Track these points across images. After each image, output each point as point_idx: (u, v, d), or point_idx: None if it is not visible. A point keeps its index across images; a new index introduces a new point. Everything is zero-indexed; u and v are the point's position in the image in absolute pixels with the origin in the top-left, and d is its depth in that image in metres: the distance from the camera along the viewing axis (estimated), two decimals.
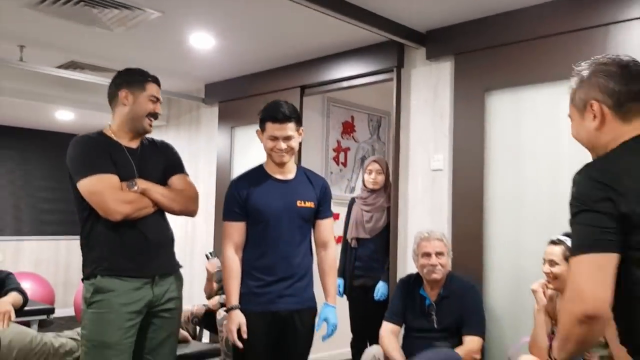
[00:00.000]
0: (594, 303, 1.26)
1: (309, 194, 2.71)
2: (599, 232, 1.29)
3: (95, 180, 2.32)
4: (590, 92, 1.47)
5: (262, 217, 2.61)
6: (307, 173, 2.82)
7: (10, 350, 2.72)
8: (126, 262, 2.36)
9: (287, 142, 2.59)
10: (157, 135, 6.01)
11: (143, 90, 2.45)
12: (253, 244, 2.64)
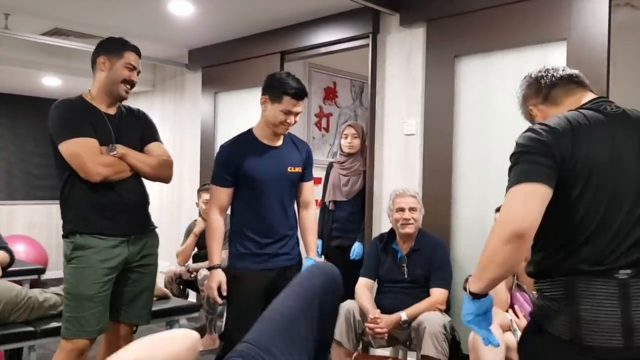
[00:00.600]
0: (522, 223, 1.38)
1: (297, 159, 2.84)
2: (536, 166, 1.43)
3: (76, 144, 2.44)
4: (527, 102, 1.79)
5: (256, 183, 2.72)
6: (292, 138, 2.91)
7: (38, 307, 2.90)
8: (103, 221, 2.50)
9: (296, 117, 2.73)
10: (144, 100, 6.17)
11: (120, 57, 2.55)
12: (247, 208, 2.76)
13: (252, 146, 2.77)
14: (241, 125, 4.97)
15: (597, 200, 1.43)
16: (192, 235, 4.39)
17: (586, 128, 1.49)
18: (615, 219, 1.42)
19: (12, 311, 2.94)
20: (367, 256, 3.64)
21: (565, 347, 1.39)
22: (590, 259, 1.40)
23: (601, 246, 1.40)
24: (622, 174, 1.47)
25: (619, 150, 1.49)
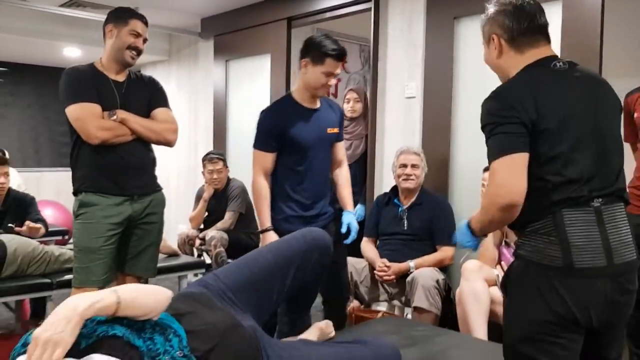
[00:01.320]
0: (515, 196, 1.58)
1: (334, 119, 2.89)
2: (514, 137, 1.59)
3: (79, 108, 2.61)
4: (493, 28, 1.76)
5: (301, 146, 2.75)
6: (326, 100, 2.95)
7: (15, 257, 3.13)
8: (106, 181, 2.68)
9: (335, 78, 2.75)
10: (161, 69, 6.33)
11: (126, 25, 2.68)
12: (292, 171, 2.79)
13: (293, 110, 2.78)
14: (251, 92, 5.16)
15: (566, 149, 1.62)
16: (202, 201, 4.57)
17: (544, 88, 1.64)
18: (584, 161, 1.62)
19: (29, 264, 3.19)
20: (369, 217, 3.78)
21: (558, 273, 1.57)
22: (571, 196, 1.60)
23: (577, 184, 1.60)
24: (580, 124, 1.65)
25: (573, 103, 1.66)
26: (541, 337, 1.58)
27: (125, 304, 1.32)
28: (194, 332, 1.49)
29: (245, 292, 1.78)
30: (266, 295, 1.86)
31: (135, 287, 1.44)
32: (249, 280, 1.80)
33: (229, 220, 4.41)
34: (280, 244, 2.04)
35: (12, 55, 6.67)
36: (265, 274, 1.85)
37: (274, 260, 1.89)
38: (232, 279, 1.77)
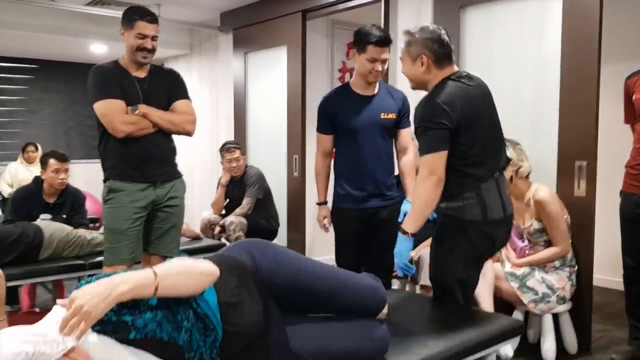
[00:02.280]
0: (441, 174, 2.22)
1: (391, 106, 3.03)
2: (439, 139, 2.20)
3: (105, 104, 2.84)
4: (422, 49, 2.32)
5: (351, 130, 2.98)
6: (388, 88, 3.16)
7: (51, 241, 3.40)
8: (131, 169, 2.91)
9: (384, 64, 2.92)
10: (183, 63, 6.57)
11: (131, 28, 2.86)
12: (345, 153, 3.04)
13: (346, 96, 3.03)
14: (269, 83, 5.36)
15: (477, 140, 2.26)
16: (220, 186, 4.79)
17: (461, 97, 2.23)
18: (490, 148, 2.32)
19: (64, 247, 3.45)
20: None
21: (478, 225, 2.28)
22: (485, 171, 2.29)
23: (487, 164, 2.30)
24: (482, 120, 2.30)
25: (477, 104, 2.29)
26: (470, 264, 2.34)
27: (162, 291, 1.39)
28: (230, 332, 1.53)
29: (282, 298, 1.73)
30: (301, 309, 1.80)
31: (178, 269, 1.46)
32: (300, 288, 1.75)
33: (247, 205, 4.62)
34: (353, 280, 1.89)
35: (43, 53, 6.99)
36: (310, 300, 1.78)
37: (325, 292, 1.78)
38: (280, 285, 1.72)
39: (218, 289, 1.58)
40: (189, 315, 1.47)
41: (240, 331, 1.55)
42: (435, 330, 2.07)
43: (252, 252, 1.72)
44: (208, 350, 1.48)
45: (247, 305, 1.60)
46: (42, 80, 7.48)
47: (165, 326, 1.41)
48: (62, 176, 3.86)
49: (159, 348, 1.38)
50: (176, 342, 1.41)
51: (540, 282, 3.06)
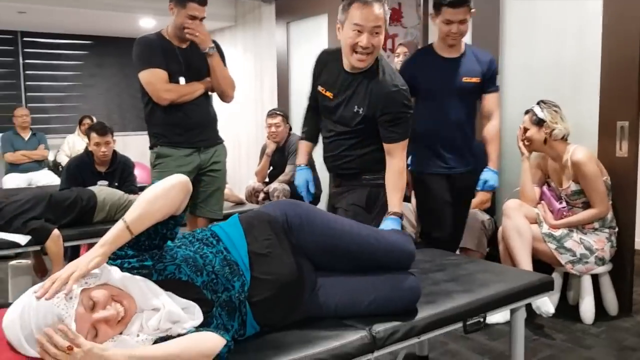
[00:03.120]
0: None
1: (475, 70, 2.89)
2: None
3: (149, 73, 2.98)
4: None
5: (431, 92, 2.88)
6: (474, 51, 2.97)
7: (104, 205, 3.60)
8: (176, 136, 3.06)
9: (461, 25, 2.77)
10: (228, 34, 6.69)
11: (183, 7, 2.94)
12: (426, 116, 2.88)
13: (428, 59, 2.92)
14: (310, 51, 5.39)
15: None
16: (265, 156, 4.91)
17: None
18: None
19: (116, 211, 3.66)
20: None
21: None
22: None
23: None
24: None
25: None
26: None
27: (136, 227, 1.47)
28: (258, 279, 1.62)
29: (311, 253, 1.79)
30: (330, 264, 1.84)
31: (140, 202, 1.51)
32: (330, 245, 1.79)
33: (290, 172, 4.73)
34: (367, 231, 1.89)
35: (96, 29, 7.26)
36: (344, 249, 1.81)
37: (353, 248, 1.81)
38: (310, 242, 1.77)
39: (249, 240, 1.69)
40: (215, 262, 1.59)
41: (269, 279, 1.64)
42: (463, 284, 2.12)
43: (285, 209, 1.81)
44: (237, 293, 1.59)
45: (277, 257, 1.68)
46: (96, 55, 7.78)
47: (184, 269, 1.53)
48: (103, 149, 4.02)
49: (180, 288, 1.50)
50: (194, 282, 1.53)
51: (578, 243, 3.06)
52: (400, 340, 1.77)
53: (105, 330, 1.37)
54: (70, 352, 1.25)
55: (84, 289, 1.38)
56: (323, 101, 2.51)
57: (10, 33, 7.17)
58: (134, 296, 1.44)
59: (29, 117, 6.41)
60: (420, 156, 2.98)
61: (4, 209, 3.33)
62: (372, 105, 2.35)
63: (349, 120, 2.42)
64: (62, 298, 1.33)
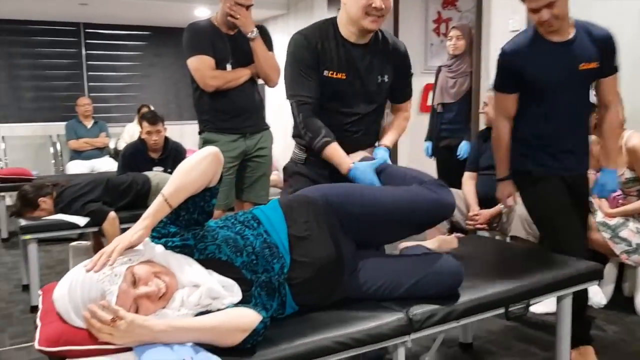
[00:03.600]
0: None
1: (592, 53, 2.36)
2: None
3: (197, 60, 3.05)
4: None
5: (541, 86, 2.39)
6: (587, 27, 2.40)
7: (158, 190, 3.67)
8: (223, 122, 3.12)
9: (550, 9, 2.23)
10: (281, 22, 6.75)
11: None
12: (533, 113, 2.46)
13: (535, 45, 2.37)
14: None
15: None
16: None
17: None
18: None
19: None
20: (471, 151, 3.90)
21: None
22: None
23: None
24: None
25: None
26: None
27: (173, 199, 1.53)
28: (298, 262, 1.66)
29: (361, 222, 1.81)
30: (374, 233, 1.87)
31: (176, 175, 1.56)
32: (368, 217, 1.81)
33: None
34: (406, 195, 1.87)
35: (154, 20, 7.46)
36: (383, 219, 1.84)
37: (394, 213, 1.83)
38: (357, 209, 1.80)
39: (289, 224, 1.72)
40: (255, 244, 1.63)
41: (308, 262, 1.67)
42: (507, 270, 2.09)
43: (325, 191, 1.86)
44: (276, 275, 1.63)
45: (316, 239, 1.71)
46: (154, 46, 7.99)
47: (224, 249, 1.58)
48: (154, 138, 4.13)
49: (220, 267, 1.55)
50: (233, 262, 1.57)
51: (634, 233, 2.94)
52: (437, 324, 1.76)
53: (147, 305, 1.43)
54: (114, 324, 1.31)
55: (128, 266, 1.44)
56: (335, 86, 2.17)
57: (73, 25, 7.46)
58: (175, 272, 1.49)
59: (90, 106, 6.67)
60: (533, 158, 2.48)
61: (64, 192, 3.50)
62: (395, 69, 2.23)
63: (375, 95, 2.23)
64: (108, 274, 1.40)
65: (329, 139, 2.13)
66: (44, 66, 7.38)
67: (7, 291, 3.75)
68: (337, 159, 2.12)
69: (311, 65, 2.12)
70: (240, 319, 1.45)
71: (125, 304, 1.39)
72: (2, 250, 4.90)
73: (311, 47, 2.12)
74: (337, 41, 2.14)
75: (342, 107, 2.20)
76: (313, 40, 2.13)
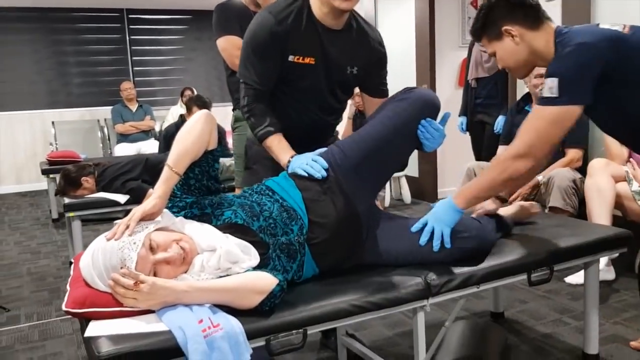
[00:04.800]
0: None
1: None
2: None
3: (224, 40, 3.09)
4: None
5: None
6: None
7: (225, 171, 3.87)
8: None
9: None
10: None
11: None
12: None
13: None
14: (398, 15, 5.32)
15: None
16: (347, 119, 4.96)
17: None
18: None
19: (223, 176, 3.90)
20: (504, 124, 3.85)
21: None
22: None
23: None
24: None
25: None
26: None
27: (178, 165, 1.56)
28: (316, 223, 1.71)
29: (367, 165, 1.84)
30: (385, 165, 1.90)
31: (176, 142, 1.62)
32: (369, 155, 1.84)
33: None
34: (390, 112, 1.87)
35: (194, 3, 7.58)
36: (383, 145, 1.84)
37: (390, 129, 1.84)
38: (356, 155, 1.83)
39: (301, 188, 1.77)
40: (272, 209, 1.69)
41: (326, 222, 1.72)
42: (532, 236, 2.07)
43: (331, 150, 1.88)
44: (296, 236, 1.68)
45: (330, 200, 1.76)
46: (195, 30, 8.14)
47: (239, 213, 1.64)
48: None
49: (237, 231, 1.60)
50: (250, 226, 1.63)
51: None
52: (456, 289, 1.77)
53: (167, 270, 1.48)
54: (138, 287, 1.38)
55: (147, 233, 1.49)
56: (302, 71, 1.98)
57: (117, 11, 7.67)
58: (193, 238, 1.55)
59: (133, 90, 6.87)
60: None
61: (106, 172, 3.65)
62: (367, 61, 2.05)
63: (342, 84, 2.07)
64: (127, 242, 1.46)
65: (271, 129, 1.96)
66: (90, 52, 7.63)
67: (56, 267, 3.95)
68: (277, 151, 1.95)
69: (271, 51, 1.94)
70: (257, 281, 1.50)
71: (145, 269, 1.44)
72: (53, 229, 5.14)
73: (279, 31, 1.91)
74: (309, 23, 1.95)
75: (305, 94, 2.04)
76: (283, 22, 1.92)
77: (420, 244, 1.79)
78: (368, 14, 5.74)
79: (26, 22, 7.31)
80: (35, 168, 6.82)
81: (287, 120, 2.01)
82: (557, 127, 1.72)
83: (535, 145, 1.72)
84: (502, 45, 1.84)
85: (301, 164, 1.82)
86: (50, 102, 7.48)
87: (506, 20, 1.80)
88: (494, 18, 1.83)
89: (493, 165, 1.82)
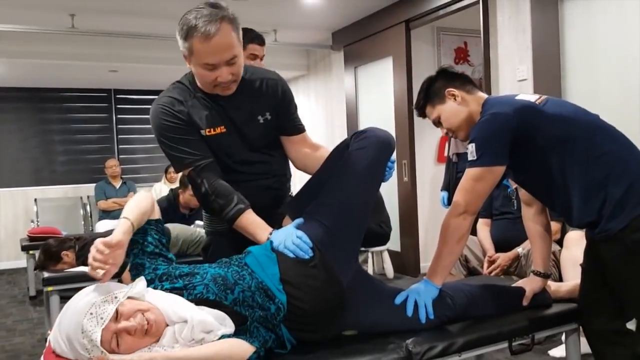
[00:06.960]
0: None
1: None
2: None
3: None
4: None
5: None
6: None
7: (177, 241, 3.81)
8: None
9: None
10: (302, 83, 7.00)
11: (245, 49, 2.90)
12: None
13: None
14: (377, 93, 5.55)
15: None
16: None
17: None
18: None
19: (189, 246, 3.86)
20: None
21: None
22: None
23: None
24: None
25: None
26: None
27: (135, 218, 1.59)
28: (294, 305, 1.64)
29: (348, 232, 1.82)
30: (363, 223, 1.87)
31: (132, 201, 1.68)
32: (349, 221, 1.81)
33: None
34: (354, 165, 1.82)
35: None
36: (360, 205, 1.84)
37: (361, 185, 1.82)
38: (336, 225, 1.79)
39: (283, 272, 1.69)
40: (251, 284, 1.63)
41: (304, 307, 1.66)
42: None
43: (318, 219, 1.81)
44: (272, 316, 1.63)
45: (311, 286, 1.70)
46: None
47: (211, 288, 1.58)
48: (195, 201, 4.27)
49: (210, 306, 1.55)
50: (222, 301, 1.58)
51: None
52: (437, 357, 1.75)
53: (129, 341, 1.44)
54: None
55: (117, 307, 1.44)
56: (219, 142, 1.93)
57: (105, 91, 7.85)
58: (163, 309, 1.50)
59: (118, 167, 6.92)
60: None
61: (86, 246, 3.61)
62: (273, 105, 1.98)
63: (263, 137, 1.99)
64: (94, 315, 1.42)
65: (242, 207, 1.85)
66: (76, 130, 7.74)
67: (31, 344, 3.84)
68: (252, 229, 1.84)
69: (186, 127, 1.88)
70: (233, 349, 1.47)
71: (107, 337, 1.41)
72: (29, 307, 5.02)
73: (181, 110, 1.87)
74: (202, 100, 1.89)
75: (234, 159, 1.97)
76: (177, 105, 1.87)
77: (407, 314, 1.81)
78: (349, 92, 5.96)
79: (13, 102, 7.43)
80: (15, 245, 6.72)
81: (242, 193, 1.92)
82: (482, 184, 1.91)
83: (469, 202, 1.92)
84: (446, 107, 2.05)
85: (286, 243, 1.74)
86: (34, 180, 7.48)
87: (448, 85, 2.04)
88: (437, 87, 2.06)
89: (442, 231, 1.95)
